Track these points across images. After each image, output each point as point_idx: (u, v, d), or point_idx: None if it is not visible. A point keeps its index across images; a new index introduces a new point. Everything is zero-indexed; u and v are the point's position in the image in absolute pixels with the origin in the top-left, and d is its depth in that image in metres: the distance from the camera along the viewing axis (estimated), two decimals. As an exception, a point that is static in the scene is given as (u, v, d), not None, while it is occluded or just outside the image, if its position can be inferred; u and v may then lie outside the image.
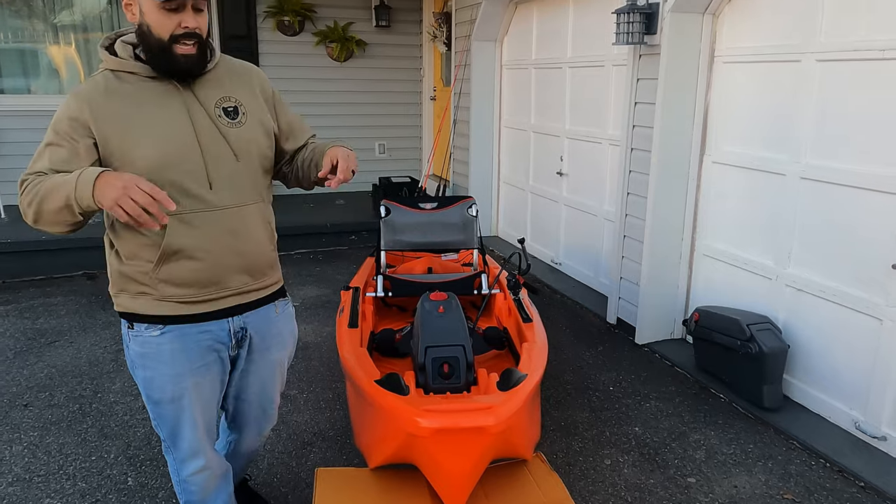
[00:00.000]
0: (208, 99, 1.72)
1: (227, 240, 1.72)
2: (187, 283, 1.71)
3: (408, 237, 3.64)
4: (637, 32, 3.62)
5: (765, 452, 2.85)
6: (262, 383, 1.96)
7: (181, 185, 1.65)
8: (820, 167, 3.04)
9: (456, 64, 6.39)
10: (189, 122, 1.67)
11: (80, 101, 1.62)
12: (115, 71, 1.68)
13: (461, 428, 1.73)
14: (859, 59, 2.82)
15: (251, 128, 1.77)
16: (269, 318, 1.90)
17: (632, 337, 4.03)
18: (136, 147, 1.62)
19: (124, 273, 1.72)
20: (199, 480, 1.92)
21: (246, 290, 1.82)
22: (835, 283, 3.01)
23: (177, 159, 1.64)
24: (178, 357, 1.74)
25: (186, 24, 1.59)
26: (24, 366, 3.67)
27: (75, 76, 6.77)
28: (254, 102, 1.80)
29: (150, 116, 1.65)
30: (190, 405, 1.80)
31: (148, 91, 1.67)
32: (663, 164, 3.72)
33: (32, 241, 5.36)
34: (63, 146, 1.59)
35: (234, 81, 1.79)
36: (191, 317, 1.74)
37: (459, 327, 2.42)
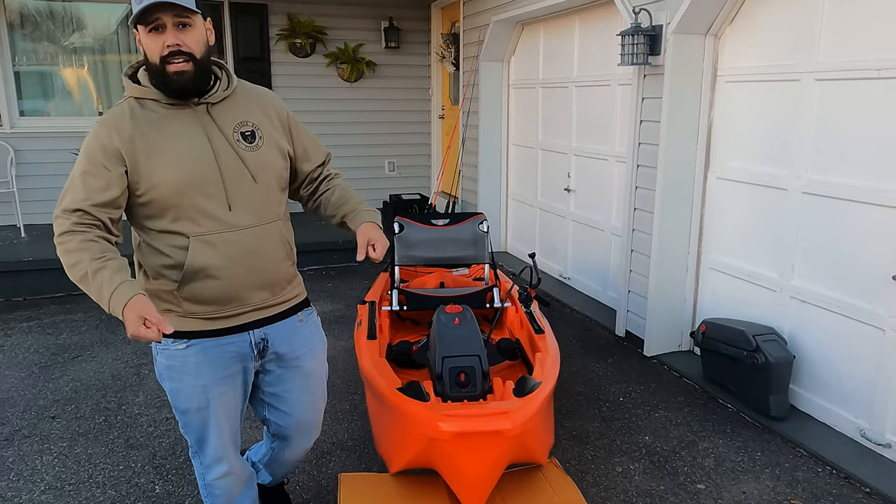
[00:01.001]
0: (226, 124, 1.79)
1: (246, 259, 1.80)
2: (209, 300, 1.79)
3: (421, 252, 3.76)
4: (642, 53, 3.75)
5: (772, 460, 2.93)
6: (298, 395, 2.02)
7: (201, 207, 1.74)
8: (821, 182, 3.14)
9: (464, 83, 6.55)
10: (209, 146, 1.75)
11: (109, 128, 1.70)
12: (139, 98, 1.76)
13: (480, 432, 1.82)
14: (856, 78, 2.93)
15: (268, 151, 1.84)
16: (293, 329, 1.97)
17: (640, 349, 4.12)
18: (160, 172, 1.70)
19: (151, 291, 1.82)
20: (223, 485, 2.01)
21: (266, 306, 1.90)
22: (838, 295, 3.10)
23: (197, 183, 1.72)
24: (202, 369, 1.83)
25: (168, 43, 1.66)
26: (50, 379, 3.78)
27: (91, 98, 6.95)
28: (270, 126, 1.87)
29: (172, 142, 1.73)
30: (215, 414, 1.88)
31: (170, 118, 1.75)
32: (669, 181, 3.83)
33: (52, 260, 5.43)
34: (98, 175, 1.67)
35: (251, 106, 1.86)
36: (214, 331, 1.83)
37: (475, 338, 2.52)
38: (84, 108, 6.94)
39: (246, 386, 1.95)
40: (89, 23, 6.82)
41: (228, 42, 7.12)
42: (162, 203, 1.72)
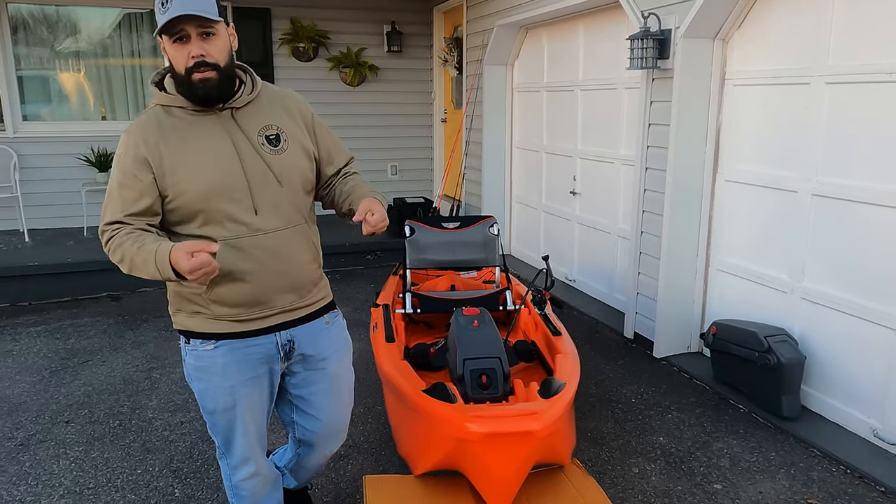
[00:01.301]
0: (251, 128, 1.81)
1: (273, 262, 1.82)
2: (236, 303, 1.81)
3: (432, 256, 3.78)
4: (651, 57, 3.78)
5: (786, 460, 2.95)
6: (324, 397, 2.02)
7: (228, 212, 1.76)
8: (831, 184, 3.17)
9: (468, 87, 6.57)
10: (234, 152, 1.77)
11: (136, 137, 1.73)
12: (165, 106, 1.79)
13: (509, 432, 1.84)
14: (867, 82, 2.97)
15: (293, 154, 1.85)
16: (319, 331, 1.98)
17: (649, 351, 4.14)
18: (186, 179, 1.73)
19: (181, 294, 1.84)
20: (249, 486, 2.02)
21: (292, 308, 1.91)
22: (849, 296, 3.13)
23: (224, 189, 1.75)
24: (229, 370, 1.84)
25: (192, 54, 1.67)
26: (61, 384, 3.78)
27: (95, 102, 6.95)
28: (295, 128, 1.88)
29: (199, 149, 1.75)
30: (242, 414, 1.89)
31: (196, 124, 1.77)
32: (678, 183, 3.86)
33: (58, 264, 5.50)
34: (131, 186, 1.72)
35: (276, 109, 1.87)
36: (241, 333, 1.84)
37: (495, 340, 2.54)
38: (87, 112, 6.94)
39: (272, 388, 1.96)
40: (91, 27, 6.82)
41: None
42: (189, 209, 1.75)
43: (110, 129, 6.89)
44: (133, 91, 7.04)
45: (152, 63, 7.02)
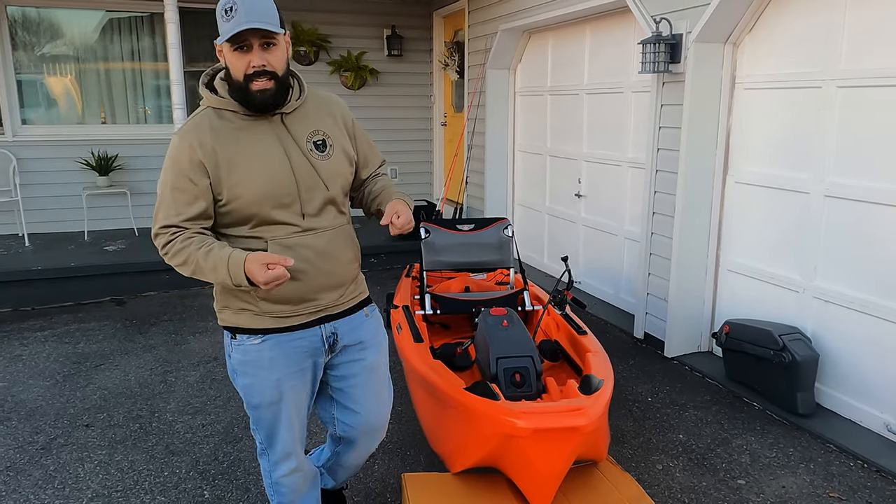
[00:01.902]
0: (300, 134, 1.84)
1: (320, 261, 1.87)
2: (284, 300, 1.85)
3: (447, 257, 3.81)
4: (662, 62, 3.84)
5: (805, 455, 3.01)
6: (363, 391, 2.04)
7: (279, 215, 1.80)
8: (843, 185, 3.25)
9: (470, 91, 6.62)
10: (285, 157, 1.81)
11: (190, 140, 1.75)
12: (217, 109, 1.81)
13: (557, 428, 1.87)
14: (879, 85, 3.04)
15: (338, 159, 1.91)
16: (360, 323, 2.03)
17: (660, 350, 4.20)
18: (240, 184, 1.76)
19: (228, 290, 1.87)
20: (290, 482, 2.04)
21: (335, 305, 1.96)
22: (862, 294, 3.20)
23: (275, 193, 1.78)
24: (276, 363, 1.87)
25: (254, 64, 1.70)
26: (76, 388, 3.76)
27: (94, 105, 6.91)
28: (338, 133, 1.93)
29: (251, 153, 1.77)
30: (287, 408, 1.92)
31: (247, 129, 1.79)
32: (689, 185, 3.92)
33: (60, 269, 5.46)
34: (186, 189, 1.74)
35: (322, 114, 1.92)
36: (287, 328, 1.88)
37: (526, 338, 2.58)
38: (87, 115, 6.89)
39: (315, 382, 1.99)
40: (90, 31, 6.78)
41: (232, 50, 7.12)
42: (242, 212, 1.78)
43: (110, 133, 6.86)
44: (133, 95, 7.01)
45: (152, 67, 7.00)
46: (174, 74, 5.51)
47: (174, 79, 5.52)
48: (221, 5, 1.67)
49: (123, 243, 6.28)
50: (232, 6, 1.65)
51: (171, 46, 5.47)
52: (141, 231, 6.79)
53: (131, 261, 5.69)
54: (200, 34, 7.12)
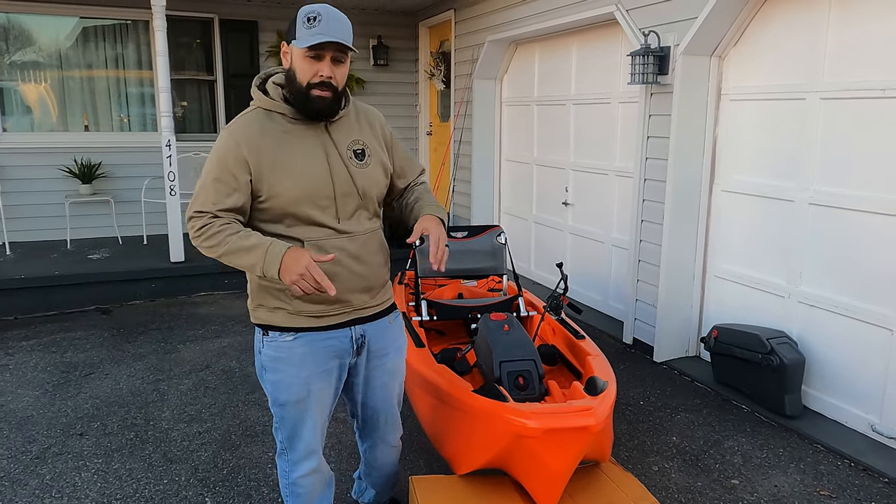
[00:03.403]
0: (342, 141, 1.93)
1: (353, 264, 1.94)
2: (318, 301, 1.92)
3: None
4: (651, 73, 3.94)
5: (794, 455, 3.10)
6: (382, 388, 2.14)
7: (315, 217, 1.87)
8: (827, 193, 3.36)
9: (457, 101, 6.69)
10: (325, 162, 1.89)
11: (238, 137, 1.84)
12: (267, 110, 1.89)
13: (568, 428, 1.92)
14: (861, 98, 3.17)
15: (374, 169, 1.99)
16: (385, 328, 2.10)
17: (649, 356, 4.28)
18: (281, 183, 1.84)
19: (264, 289, 1.95)
20: (307, 483, 2.08)
21: (365, 307, 2.03)
22: (846, 299, 3.31)
23: (313, 195, 1.86)
24: (306, 360, 1.94)
25: (322, 73, 1.80)
26: (67, 398, 3.71)
27: (77, 112, 6.84)
28: (376, 144, 2.02)
29: (294, 155, 1.86)
30: (312, 406, 1.98)
31: (293, 132, 1.88)
32: (677, 193, 4.02)
33: (45, 277, 5.39)
34: (227, 182, 1.82)
35: (362, 124, 2.00)
36: (319, 327, 1.95)
37: (528, 342, 2.63)
38: (70, 123, 6.82)
39: (339, 383, 2.05)
40: (73, 37, 6.73)
41: (218, 58, 7.12)
42: (279, 211, 1.86)
43: (94, 141, 6.79)
44: (117, 101, 6.96)
45: (136, 75, 6.96)
46: (161, 82, 5.49)
47: (161, 86, 5.50)
48: (305, 12, 1.76)
49: (107, 252, 6.22)
50: (316, 16, 1.75)
51: (159, 54, 5.45)
52: (125, 239, 6.73)
53: (116, 269, 5.63)
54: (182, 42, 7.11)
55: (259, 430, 3.32)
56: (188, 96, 7.24)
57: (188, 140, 7.11)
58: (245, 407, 3.58)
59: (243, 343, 4.58)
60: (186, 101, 7.25)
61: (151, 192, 6.54)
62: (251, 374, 4.03)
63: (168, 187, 5.61)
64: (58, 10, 6.53)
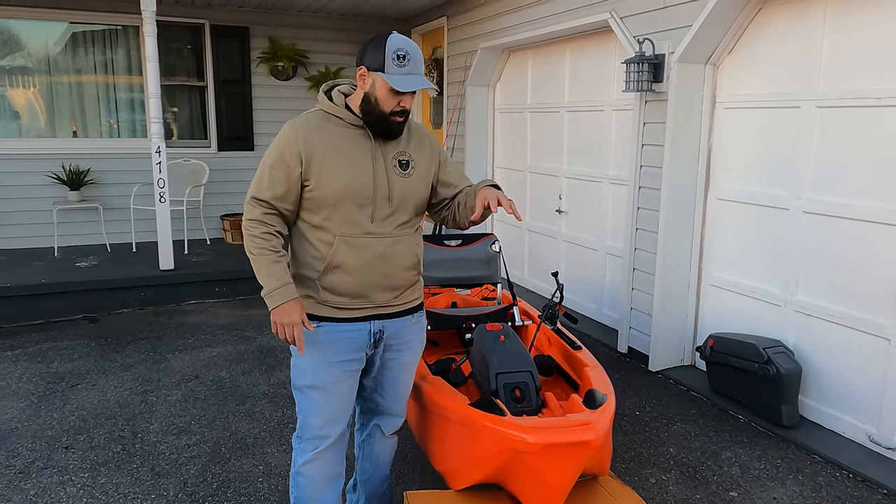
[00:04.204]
0: (389, 150, 2.08)
1: (378, 263, 2.06)
2: (342, 292, 2.06)
3: (436, 273, 3.80)
4: (646, 81, 3.93)
5: (792, 466, 3.07)
6: (394, 379, 2.26)
7: (351, 214, 2.02)
8: (822, 202, 3.35)
9: (450, 108, 6.66)
10: (371, 167, 2.04)
11: (297, 132, 2.00)
12: (327, 113, 2.06)
13: (567, 443, 1.88)
14: (857, 106, 3.16)
15: (415, 180, 2.12)
16: (404, 326, 2.20)
17: (644, 364, 4.25)
18: (327, 178, 1.99)
19: (296, 276, 2.11)
20: (309, 471, 2.18)
21: (387, 305, 2.14)
22: (842, 308, 3.29)
23: (353, 195, 2.01)
24: (327, 348, 2.07)
25: (404, 105, 1.99)
26: (52, 409, 3.64)
27: (65, 118, 6.76)
28: (424, 158, 2.16)
29: (343, 155, 2.01)
30: (326, 394, 2.11)
31: (348, 135, 2.04)
32: (672, 202, 4.00)
33: (31, 285, 5.30)
34: (280, 170, 1.99)
35: (413, 140, 2.16)
36: (341, 319, 2.08)
37: (524, 353, 2.59)
38: (58, 129, 6.74)
39: (356, 374, 2.16)
40: (61, 43, 6.66)
41: (209, 64, 7.06)
42: (321, 201, 2.01)
43: (82, 147, 6.72)
44: (106, 107, 6.88)
45: (126, 80, 6.89)
46: (151, 88, 5.43)
47: (151, 92, 5.44)
48: (395, 48, 1.92)
49: (96, 259, 6.13)
50: (405, 55, 1.92)
51: (149, 60, 5.40)
52: (114, 247, 6.64)
53: (104, 277, 5.55)
54: (172, 48, 7.05)
55: (250, 443, 3.26)
56: (178, 102, 7.18)
57: (178, 146, 7.05)
58: (235, 419, 3.52)
59: (233, 353, 4.52)
60: (177, 108, 7.19)
61: (141, 199, 6.46)
62: (241, 385, 3.97)
63: (157, 194, 5.55)
64: (48, 15, 6.46)
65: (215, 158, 7.15)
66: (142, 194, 6.48)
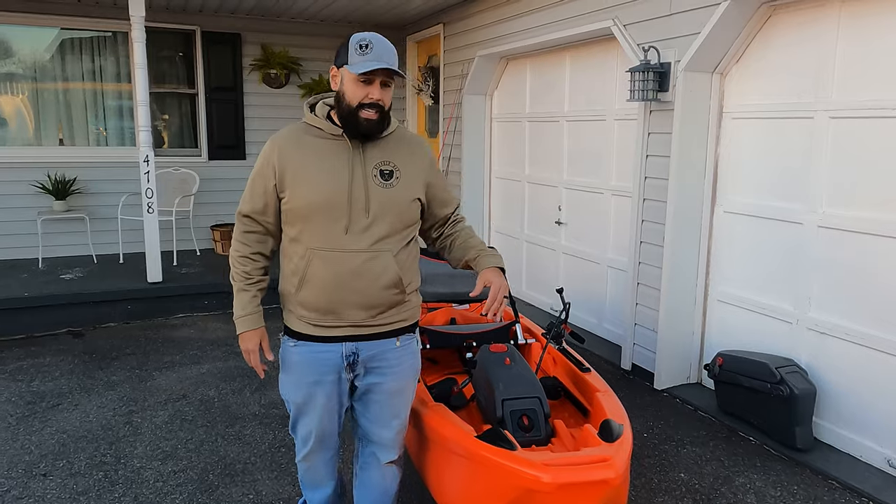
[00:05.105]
0: (371, 159, 2.00)
1: (350, 278, 1.98)
2: (313, 307, 2.02)
3: (434, 288, 3.65)
4: (651, 90, 3.81)
5: (810, 493, 2.93)
6: (380, 405, 2.17)
7: (324, 227, 1.97)
8: (838, 216, 3.22)
9: (446, 117, 6.53)
10: (348, 177, 1.97)
11: (275, 145, 2.01)
12: (309, 125, 2.03)
13: (585, 482, 1.73)
14: (873, 117, 3.04)
15: (400, 191, 2.02)
16: (388, 350, 2.11)
17: (649, 382, 4.11)
18: (300, 189, 1.96)
19: (283, 292, 2.11)
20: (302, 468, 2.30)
21: (362, 325, 2.05)
22: (858, 326, 3.16)
23: (326, 206, 1.96)
24: (301, 368, 2.08)
25: (372, 96, 1.91)
26: (31, 432, 3.46)
27: (51, 126, 6.58)
28: (411, 171, 2.06)
29: (319, 167, 1.97)
30: (307, 409, 2.13)
31: (326, 146, 1.99)
32: (678, 214, 3.87)
33: (13, 298, 5.11)
34: (259, 183, 2.02)
35: (402, 150, 2.06)
36: (315, 337, 2.06)
37: (531, 378, 2.44)
38: (44, 137, 6.56)
39: (340, 395, 2.13)
40: (47, 49, 6.49)
41: (200, 71, 6.91)
42: (295, 214, 1.99)
43: (68, 155, 6.54)
44: (94, 115, 6.71)
45: (115, 88, 6.73)
46: (140, 95, 5.27)
47: (140, 99, 5.28)
48: (357, 39, 1.90)
49: (81, 271, 5.95)
50: (368, 44, 1.88)
51: (138, 66, 5.24)
52: (100, 258, 6.45)
53: (90, 290, 5.37)
54: (163, 55, 6.89)
55: (239, 469, 3.09)
56: (168, 110, 7.02)
57: (168, 155, 6.88)
58: (225, 443, 3.35)
59: (223, 370, 4.34)
60: (167, 115, 7.02)
61: (128, 209, 6.29)
62: (231, 405, 3.80)
63: (146, 204, 5.38)
64: (36, 21, 6.29)
65: (206, 167, 6.98)
66: (130, 204, 6.30)
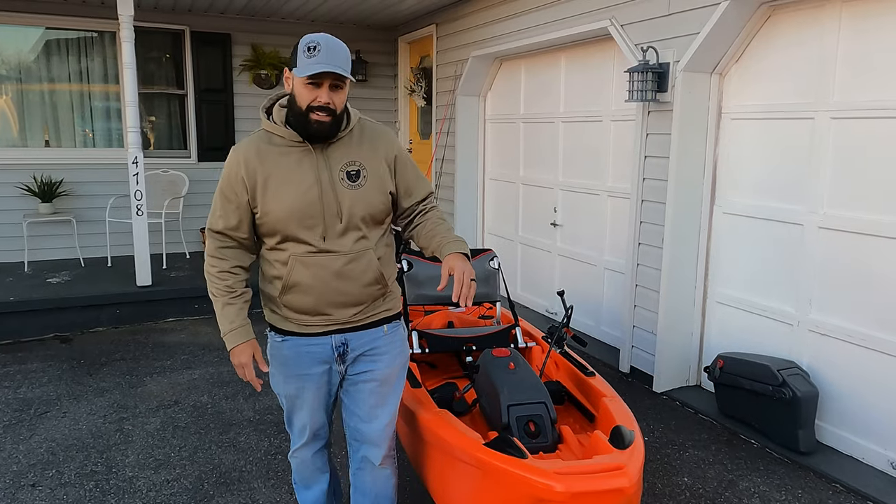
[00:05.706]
0: (336, 162, 1.98)
1: (333, 281, 2.00)
2: (300, 310, 2.04)
3: (429, 291, 3.60)
4: (650, 90, 3.78)
5: (814, 497, 2.90)
6: (368, 395, 2.15)
7: (301, 235, 1.96)
8: (839, 217, 3.20)
9: (439, 118, 6.48)
10: (317, 183, 1.95)
11: (239, 157, 1.95)
12: (269, 132, 1.98)
13: (600, 491, 1.68)
14: (874, 117, 3.02)
15: (368, 190, 2.01)
16: (376, 337, 2.12)
17: (648, 385, 4.07)
18: (271, 202, 1.94)
19: (265, 293, 2.12)
20: (295, 463, 2.29)
21: (350, 321, 2.07)
22: (860, 328, 3.14)
23: (300, 215, 1.95)
24: (290, 362, 2.08)
25: (320, 99, 1.87)
26: (19, 441, 3.36)
27: (36, 127, 6.46)
28: (376, 165, 2.03)
29: (286, 177, 1.94)
30: (299, 402, 2.13)
31: (290, 154, 1.95)
32: (677, 216, 3.84)
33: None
34: (230, 199, 1.98)
35: (364, 145, 2.03)
36: (303, 333, 2.07)
37: (536, 382, 2.40)
38: (29, 138, 6.44)
39: (329, 386, 2.14)
40: (32, 49, 6.37)
41: (189, 72, 6.81)
42: (271, 226, 1.97)
43: (55, 157, 6.42)
44: (81, 116, 6.59)
45: (102, 89, 6.61)
46: (128, 96, 5.17)
47: (128, 100, 5.18)
48: (306, 42, 1.85)
49: (68, 275, 5.83)
50: (316, 46, 1.84)
51: (126, 66, 5.14)
52: (87, 261, 6.34)
53: (77, 294, 5.26)
54: (151, 55, 6.79)
55: (234, 477, 3.02)
56: (157, 111, 6.91)
57: (156, 157, 6.78)
58: (219, 450, 3.27)
59: (215, 375, 4.26)
60: (155, 117, 6.92)
61: (117, 212, 6.18)
62: (224, 411, 3.72)
63: (135, 206, 5.28)
64: (21, 20, 6.17)
65: (195, 169, 6.88)
66: (118, 206, 6.19)
